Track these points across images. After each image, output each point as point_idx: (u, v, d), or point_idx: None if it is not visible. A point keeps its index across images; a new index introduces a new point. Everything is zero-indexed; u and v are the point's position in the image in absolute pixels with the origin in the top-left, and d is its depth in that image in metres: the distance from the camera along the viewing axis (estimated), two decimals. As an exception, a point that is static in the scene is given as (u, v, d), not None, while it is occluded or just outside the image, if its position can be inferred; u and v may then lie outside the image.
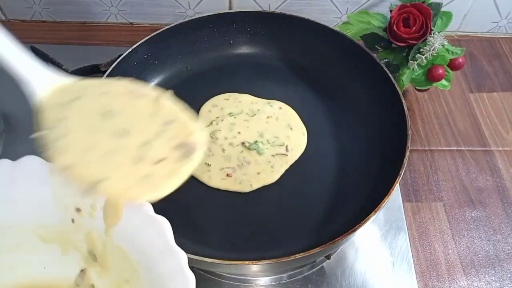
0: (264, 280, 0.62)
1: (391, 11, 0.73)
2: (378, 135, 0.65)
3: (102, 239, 0.42)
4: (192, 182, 0.62)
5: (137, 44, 0.68)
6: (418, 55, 0.72)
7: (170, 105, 0.42)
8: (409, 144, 0.57)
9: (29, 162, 0.43)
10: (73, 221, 0.43)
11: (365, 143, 0.66)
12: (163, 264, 0.37)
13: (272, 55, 0.76)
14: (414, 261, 0.64)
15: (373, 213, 0.50)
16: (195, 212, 0.62)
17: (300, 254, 0.48)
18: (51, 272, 0.46)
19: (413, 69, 0.73)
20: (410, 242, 0.65)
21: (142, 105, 0.41)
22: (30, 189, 0.42)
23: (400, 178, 0.54)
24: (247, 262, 0.48)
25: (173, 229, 0.58)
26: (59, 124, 0.40)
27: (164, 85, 0.73)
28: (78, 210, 0.43)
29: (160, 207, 0.39)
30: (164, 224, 0.38)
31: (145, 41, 0.69)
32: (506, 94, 0.86)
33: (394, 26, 0.72)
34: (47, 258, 0.46)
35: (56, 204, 0.43)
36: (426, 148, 0.78)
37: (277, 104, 0.71)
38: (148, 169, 0.38)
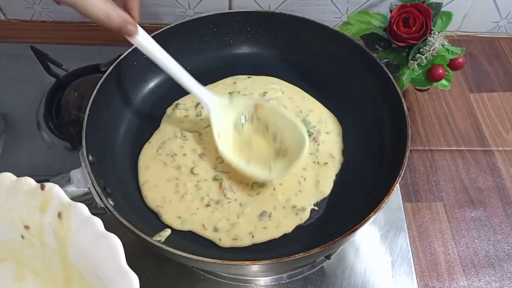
0: (264, 280, 0.62)
1: (391, 11, 0.73)
2: (378, 135, 0.65)
3: (56, 255, 0.42)
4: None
5: (137, 44, 0.68)
6: (418, 55, 0.72)
7: None
8: (409, 144, 0.57)
9: None
10: (22, 237, 0.43)
11: (365, 143, 0.66)
12: (117, 286, 0.36)
13: (272, 55, 0.76)
14: (414, 261, 0.64)
15: (373, 213, 0.50)
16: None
17: (300, 254, 0.48)
18: None
19: (413, 69, 0.73)
20: (410, 242, 0.65)
21: None
22: None
23: (400, 178, 0.53)
24: (247, 262, 0.48)
25: (173, 229, 0.58)
26: None
27: (164, 85, 0.73)
28: (26, 227, 0.42)
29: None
30: (115, 242, 0.37)
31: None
32: (506, 94, 0.86)
33: (394, 26, 0.72)
34: (1, 274, 0.45)
35: (2, 218, 0.42)
36: (426, 148, 0.78)
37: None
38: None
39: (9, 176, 0.42)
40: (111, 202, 0.54)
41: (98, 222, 0.39)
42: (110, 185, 0.57)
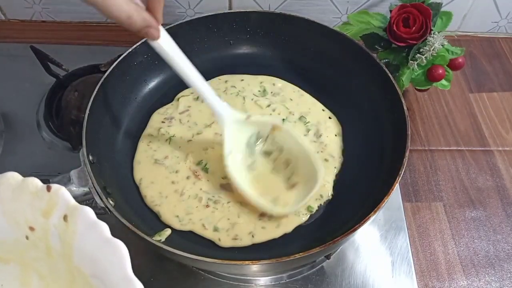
0: (264, 280, 0.62)
1: (391, 11, 0.73)
2: (378, 135, 0.65)
3: (61, 258, 0.41)
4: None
5: (137, 44, 0.68)
6: (418, 55, 0.72)
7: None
8: (409, 144, 0.57)
9: None
10: (27, 238, 0.42)
11: (365, 143, 0.66)
12: None
13: (272, 55, 0.76)
14: (414, 261, 0.64)
15: (373, 213, 0.50)
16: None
17: (300, 254, 0.48)
18: None
19: (413, 69, 0.73)
20: (410, 242, 0.65)
21: None
22: None
23: (400, 178, 0.54)
24: (247, 262, 0.48)
25: (173, 229, 0.58)
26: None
27: (164, 85, 0.73)
28: (31, 228, 0.41)
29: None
30: (121, 249, 0.37)
31: (145, 41, 0.68)
32: (506, 94, 0.86)
33: (394, 26, 0.72)
34: (5, 276, 0.44)
35: (7, 218, 0.41)
36: (426, 148, 0.78)
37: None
38: None
39: (15, 176, 0.41)
40: (111, 202, 0.54)
41: (104, 227, 0.38)
42: (110, 185, 0.57)
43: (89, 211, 0.39)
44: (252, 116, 0.60)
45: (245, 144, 0.61)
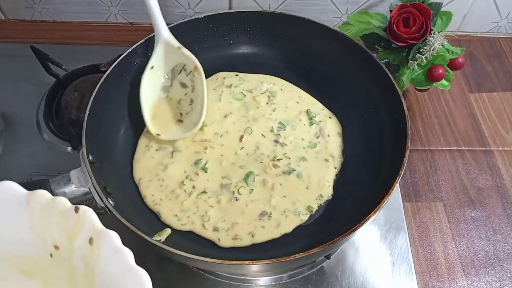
0: (264, 280, 0.62)
1: (391, 11, 0.73)
2: (378, 135, 0.65)
3: (84, 280, 0.41)
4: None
5: (137, 44, 0.68)
6: (418, 55, 0.72)
7: None
8: (409, 144, 0.57)
9: (6, 187, 0.41)
10: (51, 255, 0.42)
11: (365, 143, 0.66)
12: None
13: (272, 55, 0.76)
14: (414, 261, 0.64)
15: (373, 213, 0.50)
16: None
17: (300, 254, 0.48)
18: None
19: (413, 69, 0.73)
20: (410, 242, 0.65)
21: None
22: (6, 215, 0.41)
23: (400, 178, 0.53)
24: (247, 262, 0.48)
25: (173, 229, 0.58)
26: None
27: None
28: (56, 247, 0.42)
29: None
30: (144, 278, 0.37)
31: (145, 41, 0.69)
32: (506, 94, 0.86)
33: (394, 26, 0.72)
34: None
35: (34, 234, 0.42)
36: (426, 148, 0.78)
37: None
38: None
39: (44, 194, 0.41)
40: (111, 202, 0.54)
41: (128, 254, 0.38)
42: (110, 185, 0.57)
43: (115, 236, 0.39)
44: (183, 49, 0.66)
45: (171, 68, 0.68)
